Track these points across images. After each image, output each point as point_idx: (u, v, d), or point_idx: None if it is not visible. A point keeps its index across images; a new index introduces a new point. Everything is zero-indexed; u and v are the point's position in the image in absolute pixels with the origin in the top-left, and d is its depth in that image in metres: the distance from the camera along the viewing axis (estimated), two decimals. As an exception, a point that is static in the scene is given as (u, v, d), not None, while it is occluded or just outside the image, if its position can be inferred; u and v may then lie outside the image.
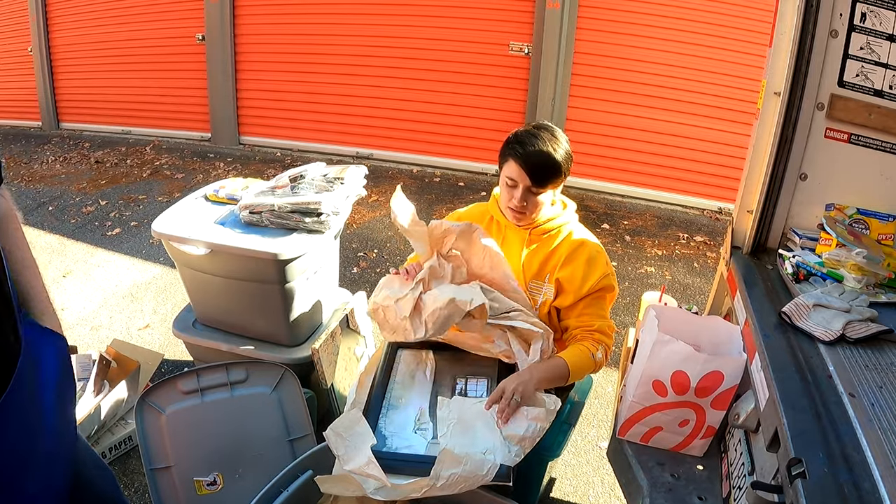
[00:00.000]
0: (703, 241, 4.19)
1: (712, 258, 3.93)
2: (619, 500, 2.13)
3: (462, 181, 5.14)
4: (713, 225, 4.49)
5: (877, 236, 1.73)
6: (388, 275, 1.73)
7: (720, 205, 4.63)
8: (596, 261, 1.71)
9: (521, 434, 1.46)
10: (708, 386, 1.49)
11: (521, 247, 1.75)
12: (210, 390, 1.90)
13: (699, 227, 4.44)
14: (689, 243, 4.16)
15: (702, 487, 1.53)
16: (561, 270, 1.70)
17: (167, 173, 5.26)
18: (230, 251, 2.08)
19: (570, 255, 1.70)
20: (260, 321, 2.26)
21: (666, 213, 4.67)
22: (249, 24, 5.67)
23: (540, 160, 1.62)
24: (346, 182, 2.31)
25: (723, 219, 4.55)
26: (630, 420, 1.62)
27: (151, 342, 2.92)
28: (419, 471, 1.37)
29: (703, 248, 4.10)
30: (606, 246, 4.05)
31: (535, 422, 1.49)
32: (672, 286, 3.62)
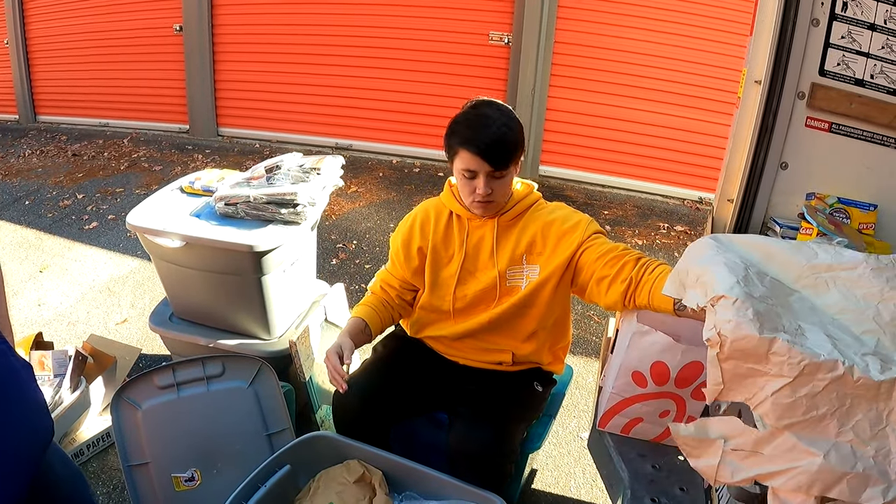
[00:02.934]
0: (683, 230, 4.21)
1: (692, 248, 3.94)
2: (601, 491, 2.13)
3: (442, 171, 5.10)
4: (693, 214, 4.51)
5: (857, 226, 1.73)
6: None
7: (700, 194, 4.65)
8: (572, 216, 1.63)
9: None
10: (688, 376, 1.48)
11: (491, 239, 1.65)
12: (186, 385, 1.86)
13: (679, 216, 4.46)
14: (670, 233, 4.18)
15: (683, 478, 1.53)
16: (544, 239, 1.61)
17: (145, 166, 5.16)
18: (205, 243, 2.04)
19: (545, 226, 1.61)
20: (237, 314, 2.22)
21: (646, 202, 4.68)
22: (227, 15, 5.56)
23: (495, 141, 1.49)
24: (323, 172, 2.27)
25: (703, 208, 4.57)
26: (610, 412, 1.61)
27: (129, 337, 2.87)
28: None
29: (683, 237, 4.12)
30: (587, 236, 4.06)
31: None
32: (652, 276, 3.63)
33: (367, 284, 3.40)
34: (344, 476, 1.65)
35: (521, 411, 1.69)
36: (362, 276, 3.52)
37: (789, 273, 1.12)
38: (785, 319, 0.92)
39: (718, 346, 0.89)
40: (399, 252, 1.74)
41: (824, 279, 1.09)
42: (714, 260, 1.05)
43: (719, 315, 0.90)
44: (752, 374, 0.88)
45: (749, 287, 0.96)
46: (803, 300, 1.05)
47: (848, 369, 0.84)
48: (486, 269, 1.66)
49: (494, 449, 1.56)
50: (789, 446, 0.84)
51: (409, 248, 1.72)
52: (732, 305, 0.90)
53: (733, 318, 0.88)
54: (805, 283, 1.09)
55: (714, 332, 0.90)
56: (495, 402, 1.64)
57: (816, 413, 0.84)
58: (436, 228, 1.69)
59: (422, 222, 1.71)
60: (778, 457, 0.85)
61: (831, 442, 0.84)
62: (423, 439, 1.87)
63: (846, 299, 1.05)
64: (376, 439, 1.67)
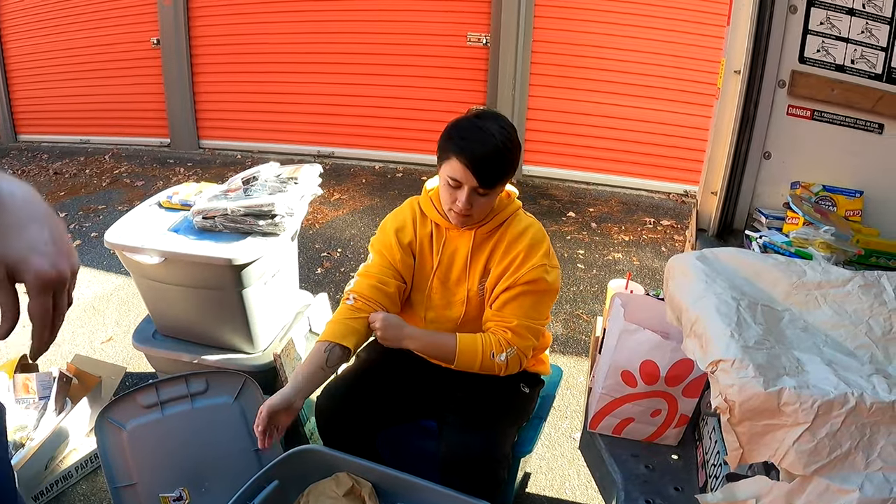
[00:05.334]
0: (669, 224, 4.20)
1: (680, 241, 3.93)
2: (596, 492, 2.10)
3: (425, 175, 5.05)
4: (679, 208, 4.50)
5: (844, 213, 1.72)
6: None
7: (685, 187, 4.65)
8: (533, 250, 1.54)
9: None
10: (679, 374, 1.45)
11: (466, 250, 1.59)
12: (170, 403, 1.82)
13: (665, 210, 4.45)
14: (656, 227, 4.16)
15: (678, 477, 1.49)
16: (500, 262, 1.56)
17: (127, 181, 5.09)
18: (184, 259, 2.00)
19: (509, 245, 1.56)
20: (220, 329, 2.17)
21: (631, 198, 4.67)
22: (205, 27, 5.50)
23: (488, 158, 1.42)
24: (301, 181, 2.22)
25: (688, 201, 4.57)
26: (600, 412, 1.57)
27: (115, 355, 2.81)
28: None
29: (669, 231, 4.10)
30: (573, 234, 4.04)
31: None
32: (640, 271, 3.61)
33: (353, 292, 3.38)
34: (333, 489, 1.61)
35: (511, 415, 1.66)
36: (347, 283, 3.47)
37: (778, 290, 1.13)
38: (784, 358, 0.91)
39: (728, 412, 0.87)
40: (391, 239, 1.63)
41: (815, 296, 1.12)
42: (706, 304, 1.03)
43: (721, 381, 0.89)
44: (769, 430, 0.86)
45: (743, 333, 0.94)
46: (795, 320, 1.05)
47: (859, 398, 0.82)
48: (458, 282, 1.62)
49: (488, 455, 1.52)
50: (822, 490, 0.82)
51: (402, 239, 1.63)
52: (732, 368, 0.88)
53: (735, 381, 0.86)
54: (795, 301, 1.11)
55: (721, 399, 0.88)
56: (484, 407, 1.61)
57: (841, 451, 0.83)
58: (421, 231, 1.64)
59: (412, 220, 1.65)
60: (814, 502, 0.82)
61: (862, 475, 0.82)
62: (411, 448, 1.83)
63: (838, 315, 1.07)
64: (362, 446, 1.63)
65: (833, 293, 1.11)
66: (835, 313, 1.08)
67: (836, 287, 1.12)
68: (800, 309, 1.09)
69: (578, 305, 3.25)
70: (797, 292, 1.12)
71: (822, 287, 1.12)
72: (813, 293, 1.11)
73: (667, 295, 1.22)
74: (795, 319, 1.07)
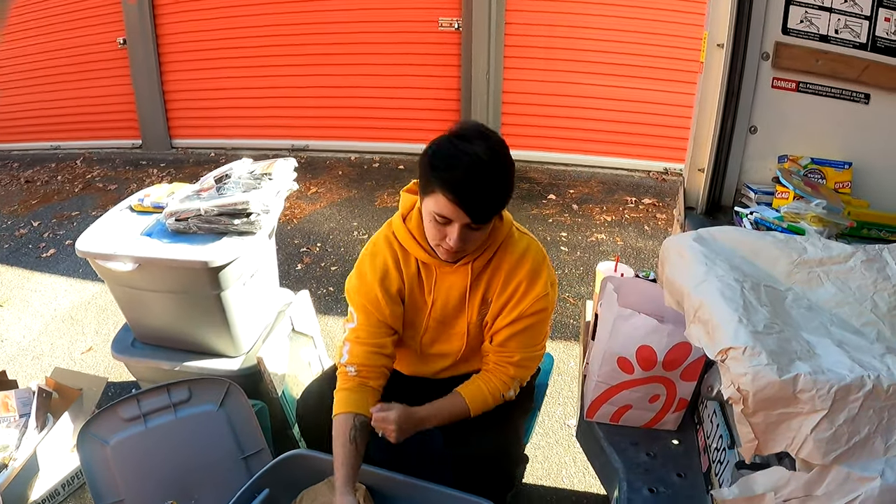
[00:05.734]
0: (651, 203, 4.18)
1: (662, 220, 3.92)
2: (593, 478, 2.07)
3: (402, 164, 4.99)
4: (660, 186, 4.49)
5: (833, 185, 1.70)
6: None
7: (665, 165, 4.63)
8: (536, 278, 1.41)
9: None
10: (676, 358, 1.42)
11: (464, 285, 1.43)
12: (153, 414, 1.76)
13: (646, 189, 4.43)
14: (638, 207, 4.14)
15: (680, 463, 1.47)
16: (501, 294, 1.42)
17: (100, 186, 4.94)
18: (158, 263, 1.91)
19: (509, 274, 1.41)
20: (200, 334, 2.10)
21: (611, 178, 4.64)
22: (171, 24, 5.33)
23: (480, 191, 1.22)
24: (275, 177, 2.14)
25: (669, 179, 4.56)
26: (597, 401, 1.54)
27: (96, 365, 2.72)
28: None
29: (652, 210, 4.09)
30: (554, 217, 4.00)
31: None
32: (624, 251, 3.59)
33: (335, 288, 3.30)
34: (327, 494, 1.56)
35: (519, 408, 1.60)
36: (329, 279, 3.40)
37: (778, 269, 1.10)
38: (795, 342, 0.88)
39: (742, 403, 0.84)
40: (379, 296, 1.42)
41: (817, 274, 1.09)
42: (709, 288, 1.00)
43: (733, 370, 0.85)
44: (784, 419, 0.82)
45: (751, 318, 0.91)
46: (799, 299, 1.03)
47: (875, 381, 0.80)
48: (456, 316, 1.48)
49: (504, 453, 1.49)
50: (842, 478, 0.79)
51: (390, 289, 1.44)
52: (743, 356, 0.84)
53: (749, 370, 0.83)
54: (797, 279, 1.08)
55: (733, 388, 0.84)
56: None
57: (860, 437, 0.80)
58: (407, 271, 1.44)
59: (394, 262, 1.44)
60: (834, 492, 0.80)
61: (882, 461, 0.80)
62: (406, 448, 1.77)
63: (842, 292, 1.04)
64: None
65: (835, 270, 1.08)
66: (838, 290, 1.05)
67: (837, 263, 1.09)
68: (803, 287, 1.06)
69: (565, 289, 3.21)
70: (798, 270, 1.09)
71: (823, 264, 1.09)
72: (815, 270, 1.08)
73: (663, 278, 1.19)
74: (799, 299, 1.04)
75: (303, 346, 2.31)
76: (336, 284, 3.33)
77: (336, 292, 3.26)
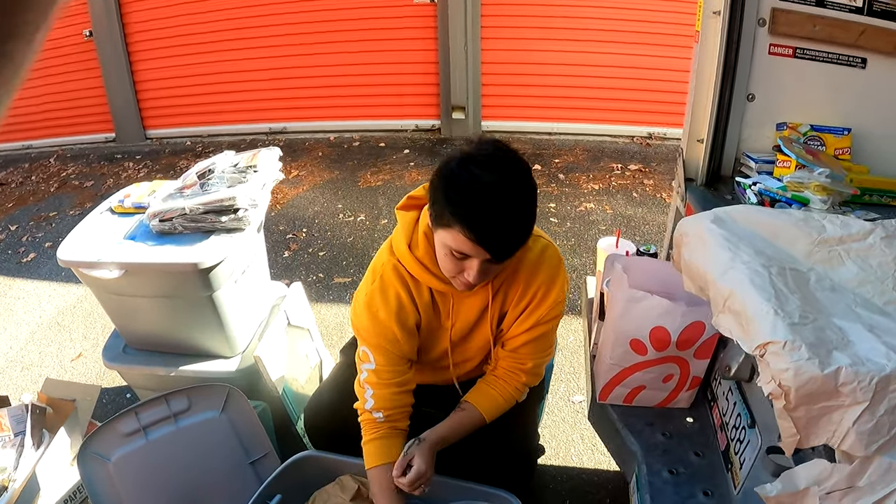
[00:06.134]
0: (638, 169, 4.16)
1: (650, 186, 3.90)
2: (603, 455, 2.08)
3: (382, 142, 4.89)
4: (645, 151, 4.46)
5: (833, 152, 1.67)
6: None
7: (649, 130, 4.60)
8: (554, 282, 1.34)
9: None
10: (690, 337, 1.40)
11: (484, 301, 1.34)
12: (153, 426, 1.70)
13: (631, 155, 4.40)
14: (625, 173, 4.12)
15: (696, 442, 1.46)
16: (519, 302, 1.35)
17: (76, 183, 4.76)
18: (146, 268, 1.83)
19: (528, 281, 1.33)
20: (195, 336, 2.03)
21: (596, 145, 4.60)
22: (138, 12, 5.10)
23: (503, 231, 1.11)
24: (260, 168, 2.06)
25: (654, 144, 4.53)
26: (610, 383, 1.52)
27: (87, 372, 2.65)
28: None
29: (639, 176, 4.06)
30: (541, 188, 3.95)
31: None
32: (615, 220, 3.57)
33: (324, 274, 3.24)
34: (339, 494, 1.54)
35: (532, 398, 1.57)
36: (318, 265, 3.34)
37: (798, 249, 1.07)
38: (829, 331, 0.86)
39: (784, 398, 0.82)
40: (397, 334, 1.32)
41: (837, 252, 1.06)
42: (737, 276, 0.97)
43: (774, 366, 0.83)
44: (826, 413, 0.81)
45: (785, 308, 0.88)
46: (821, 280, 1.01)
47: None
48: (475, 332, 1.41)
49: (524, 445, 1.47)
50: (885, 469, 0.77)
51: (408, 326, 1.34)
52: (784, 351, 0.82)
53: (790, 364, 0.81)
54: (818, 259, 1.05)
55: (774, 384, 0.82)
56: None
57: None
58: (421, 302, 1.34)
59: (407, 294, 1.33)
60: (877, 483, 0.78)
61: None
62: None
63: (863, 270, 1.02)
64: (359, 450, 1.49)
65: (855, 247, 1.06)
66: (860, 269, 1.03)
67: (857, 241, 1.07)
68: (824, 267, 1.04)
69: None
70: (819, 250, 1.07)
71: (843, 242, 1.07)
72: (835, 249, 1.06)
73: (682, 262, 1.16)
74: (822, 279, 1.01)
75: (299, 339, 2.26)
76: (325, 270, 3.27)
77: (326, 279, 3.21)
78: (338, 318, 2.89)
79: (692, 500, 1.33)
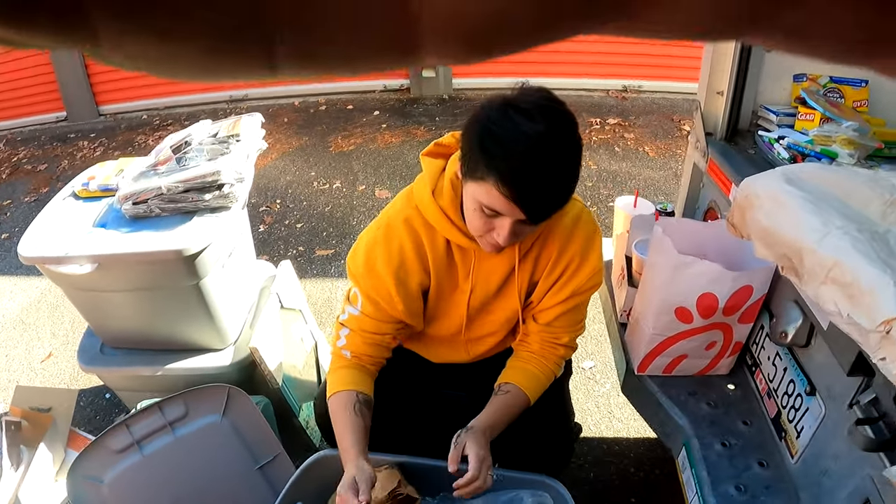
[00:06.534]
0: (617, 123, 4.06)
1: (631, 139, 3.81)
2: (619, 421, 2.02)
3: (350, 104, 4.66)
4: (622, 105, 4.36)
5: (852, 104, 1.60)
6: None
7: (624, 83, 4.49)
8: (589, 249, 1.21)
9: None
10: (736, 303, 1.32)
11: (510, 265, 1.21)
12: (148, 439, 1.53)
13: (608, 109, 4.30)
14: (604, 128, 4.02)
15: (742, 410, 1.40)
16: (551, 272, 1.22)
17: (28, 168, 4.39)
18: (122, 260, 1.61)
19: (562, 248, 1.20)
20: (181, 330, 1.84)
21: (571, 99, 4.42)
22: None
23: (543, 189, 0.98)
24: (243, 137, 1.87)
25: (629, 97, 4.43)
26: (651, 354, 1.44)
27: (59, 374, 2.42)
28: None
29: (618, 130, 3.97)
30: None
31: None
32: (600, 176, 3.48)
33: (304, 247, 3.06)
34: None
35: (564, 378, 1.47)
36: (297, 238, 3.16)
37: (872, 210, 0.97)
38: None
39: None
40: (392, 292, 1.20)
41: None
42: (838, 244, 0.86)
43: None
44: None
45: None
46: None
47: None
48: (498, 302, 1.28)
49: (564, 426, 1.38)
50: None
51: (408, 285, 1.21)
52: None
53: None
54: (893, 220, 0.95)
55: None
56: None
57: None
58: (434, 257, 1.20)
59: (415, 249, 1.19)
60: None
61: None
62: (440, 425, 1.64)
63: None
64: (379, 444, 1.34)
65: None
66: None
67: None
68: None
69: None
70: (892, 210, 0.98)
71: None
72: None
73: (752, 226, 1.05)
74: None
75: (292, 321, 2.10)
76: (305, 244, 3.10)
77: (306, 251, 3.03)
78: (325, 294, 2.74)
79: (748, 473, 1.26)
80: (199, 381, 1.83)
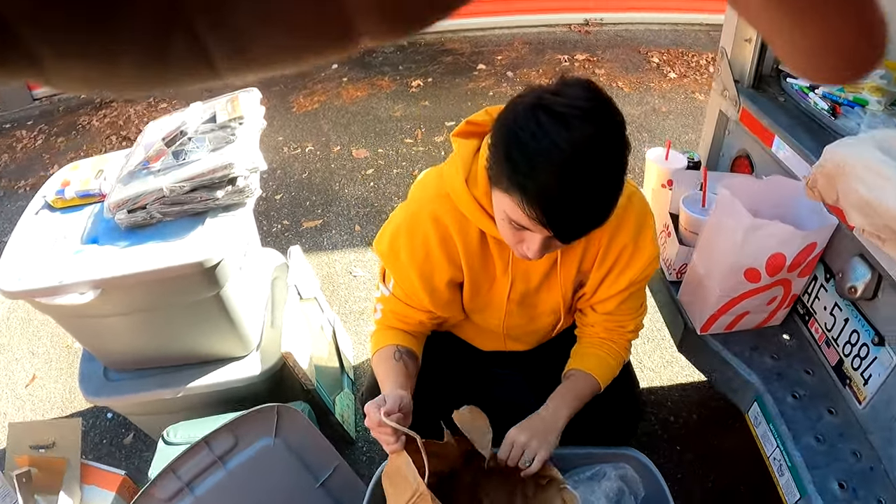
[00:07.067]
0: (585, 59, 3.98)
1: (603, 75, 3.75)
2: (651, 371, 2.06)
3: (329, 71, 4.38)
4: (587, 39, 4.26)
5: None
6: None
7: (585, 16, 4.38)
8: (643, 234, 1.11)
9: None
10: (801, 259, 1.32)
11: (551, 259, 1.12)
12: (198, 479, 1.41)
13: (574, 44, 4.20)
14: (573, 64, 3.93)
15: (801, 359, 1.43)
16: (603, 261, 1.13)
17: (-38, 169, 3.91)
18: (129, 281, 1.42)
19: (613, 235, 1.10)
20: (198, 344, 1.69)
21: (534, 37, 4.34)
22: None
23: (576, 212, 0.85)
24: (247, 119, 1.70)
25: (592, 31, 4.33)
26: (717, 314, 1.44)
27: (47, 398, 2.20)
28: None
29: (588, 66, 3.90)
30: (493, 88, 3.72)
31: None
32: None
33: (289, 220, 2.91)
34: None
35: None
36: (278, 211, 2.99)
37: None
38: None
39: None
40: (416, 284, 1.14)
41: None
42: None
43: None
44: None
45: None
46: None
47: None
48: (541, 296, 1.21)
49: (633, 398, 1.35)
50: None
51: (433, 280, 1.14)
52: None
53: None
54: None
55: None
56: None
57: None
58: (466, 250, 1.11)
59: (441, 243, 1.09)
60: None
61: None
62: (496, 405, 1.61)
63: None
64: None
65: None
66: None
67: None
68: None
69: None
70: None
71: None
72: None
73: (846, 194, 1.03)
74: None
75: (310, 312, 1.99)
76: (289, 216, 2.94)
77: (292, 226, 2.88)
78: (323, 270, 2.61)
79: (822, 422, 1.30)
80: (227, 395, 1.73)
